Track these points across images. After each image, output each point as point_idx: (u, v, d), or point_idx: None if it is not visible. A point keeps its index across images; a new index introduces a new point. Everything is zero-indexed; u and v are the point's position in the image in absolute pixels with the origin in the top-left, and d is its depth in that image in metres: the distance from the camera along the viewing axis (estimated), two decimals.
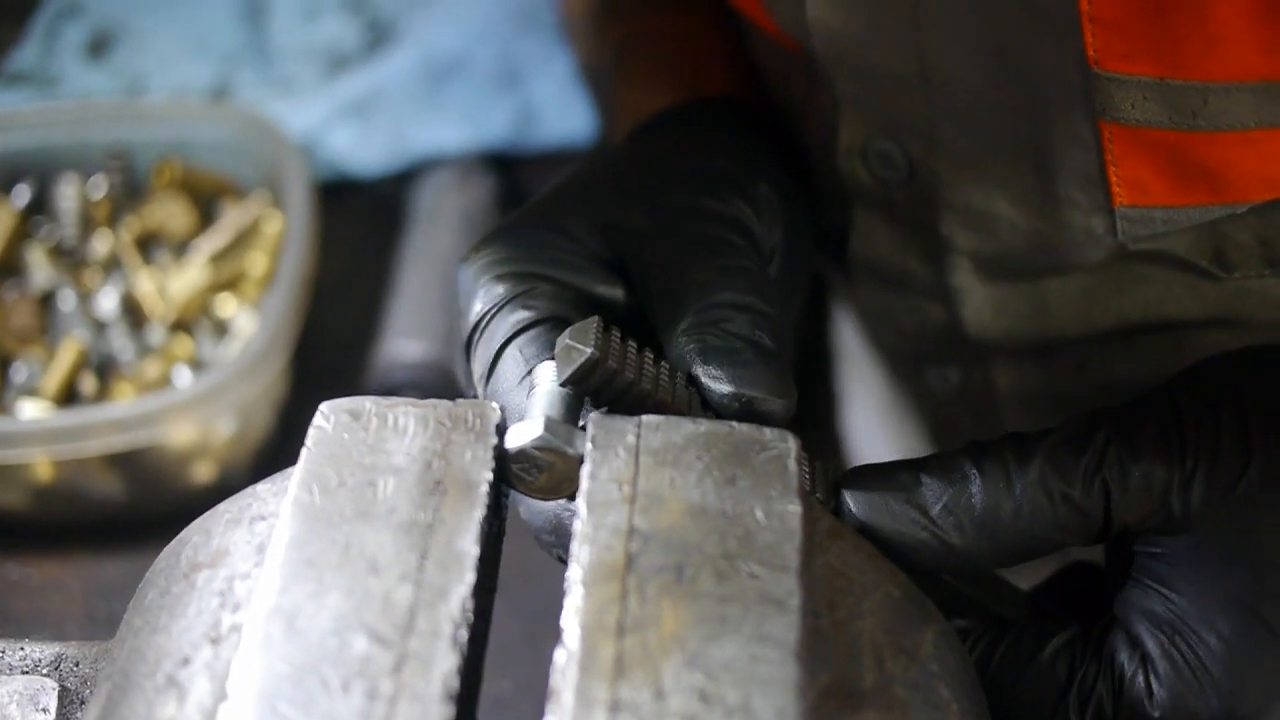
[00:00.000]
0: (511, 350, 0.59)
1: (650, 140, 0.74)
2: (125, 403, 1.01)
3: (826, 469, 0.59)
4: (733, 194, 0.66)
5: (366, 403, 0.54)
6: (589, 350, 0.55)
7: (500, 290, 0.61)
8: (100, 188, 1.14)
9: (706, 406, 0.57)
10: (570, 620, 0.47)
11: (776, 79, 0.81)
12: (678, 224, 0.64)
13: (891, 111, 0.69)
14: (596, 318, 0.57)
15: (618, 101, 0.84)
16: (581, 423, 0.55)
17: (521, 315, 0.60)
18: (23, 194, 1.14)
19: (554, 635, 0.47)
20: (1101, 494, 0.56)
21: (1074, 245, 0.68)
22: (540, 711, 0.46)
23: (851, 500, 0.57)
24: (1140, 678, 0.56)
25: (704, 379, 0.57)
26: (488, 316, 0.61)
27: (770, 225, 0.67)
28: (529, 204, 0.67)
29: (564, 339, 0.56)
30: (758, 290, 0.61)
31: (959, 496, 0.57)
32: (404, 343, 1.13)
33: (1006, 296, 0.74)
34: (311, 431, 0.53)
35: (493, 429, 0.53)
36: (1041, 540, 0.57)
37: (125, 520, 1.00)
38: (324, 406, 0.54)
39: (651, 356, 0.58)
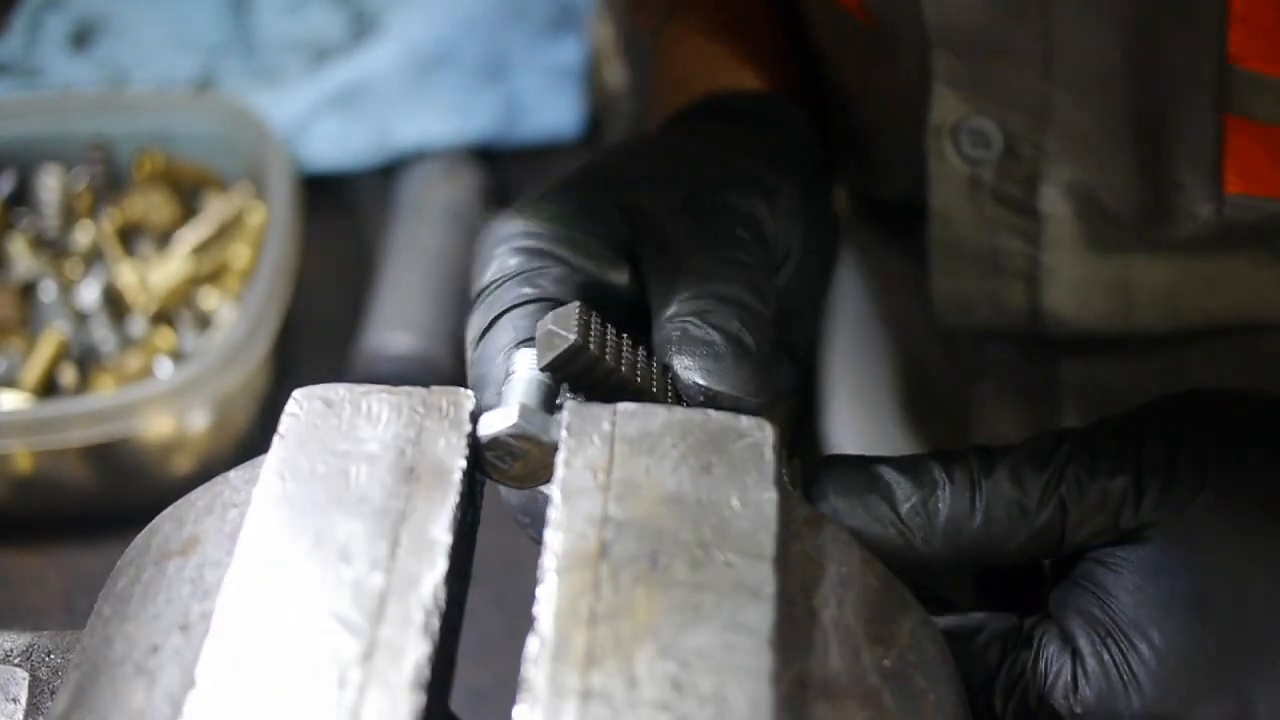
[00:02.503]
0: (505, 320, 0.59)
1: (683, 129, 0.74)
2: (103, 394, 1.00)
3: (802, 461, 0.58)
4: (753, 192, 0.66)
5: (340, 390, 0.54)
6: (571, 337, 0.55)
7: (512, 263, 0.61)
8: (82, 179, 1.13)
9: (681, 397, 0.57)
10: (542, 608, 0.47)
11: (830, 60, 0.81)
12: (694, 213, 0.64)
13: (997, 87, 0.70)
14: (579, 303, 0.56)
15: (655, 83, 0.84)
16: (558, 408, 0.54)
17: (525, 291, 0.60)
18: (4, 184, 1.13)
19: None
20: (1058, 509, 0.56)
21: (1177, 221, 0.68)
22: None
23: (826, 487, 0.57)
24: (1068, 673, 0.56)
25: (676, 367, 0.57)
26: (493, 286, 0.61)
27: (787, 228, 0.67)
28: (561, 178, 0.67)
29: (546, 324, 0.56)
30: (752, 286, 0.61)
31: (927, 499, 0.57)
32: (389, 335, 1.13)
33: (1095, 278, 0.74)
34: (284, 419, 0.53)
35: (467, 416, 0.53)
36: (1000, 551, 0.57)
37: (104, 512, 1.00)
38: (297, 393, 0.54)
39: (631, 343, 0.58)
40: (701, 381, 0.56)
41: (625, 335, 0.58)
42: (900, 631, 0.51)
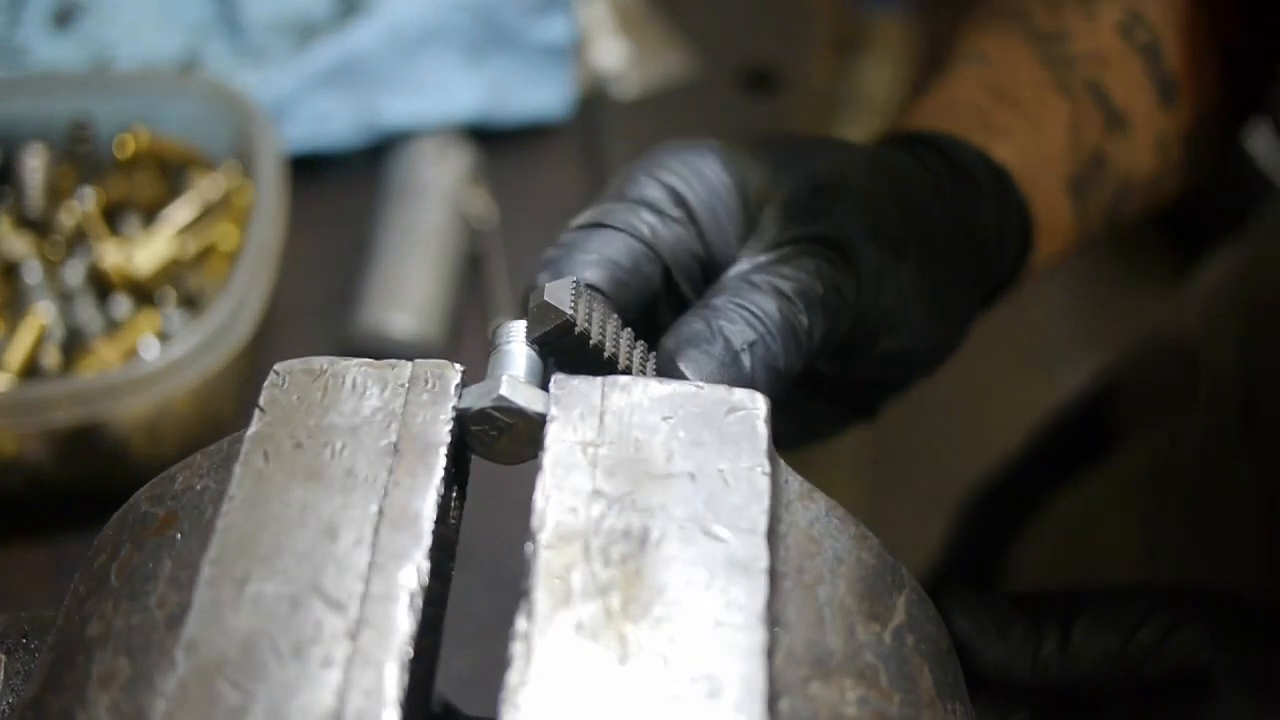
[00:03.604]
0: (593, 241, 0.60)
1: (890, 149, 0.70)
2: (86, 376, 0.99)
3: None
4: (869, 242, 0.62)
5: (322, 362, 0.53)
6: (566, 312, 0.54)
7: (652, 194, 0.61)
8: (66, 158, 1.12)
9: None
10: (530, 583, 0.46)
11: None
12: (803, 222, 0.62)
13: None
14: (574, 277, 0.55)
15: (922, 89, 0.81)
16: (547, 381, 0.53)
17: (638, 226, 0.60)
18: None
19: None
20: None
21: None
22: None
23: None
24: None
25: (668, 345, 0.56)
26: (620, 200, 0.61)
27: (875, 289, 0.62)
28: (758, 135, 0.66)
29: (540, 296, 0.55)
30: (789, 322, 0.59)
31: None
32: (382, 315, 1.12)
33: None
34: (265, 391, 0.52)
35: (452, 389, 0.52)
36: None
37: (87, 494, 0.98)
38: (278, 366, 0.53)
39: (619, 322, 0.57)
40: (689, 375, 0.56)
41: (616, 315, 0.57)
42: (896, 608, 0.50)
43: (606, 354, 0.55)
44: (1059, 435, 1.29)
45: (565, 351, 0.55)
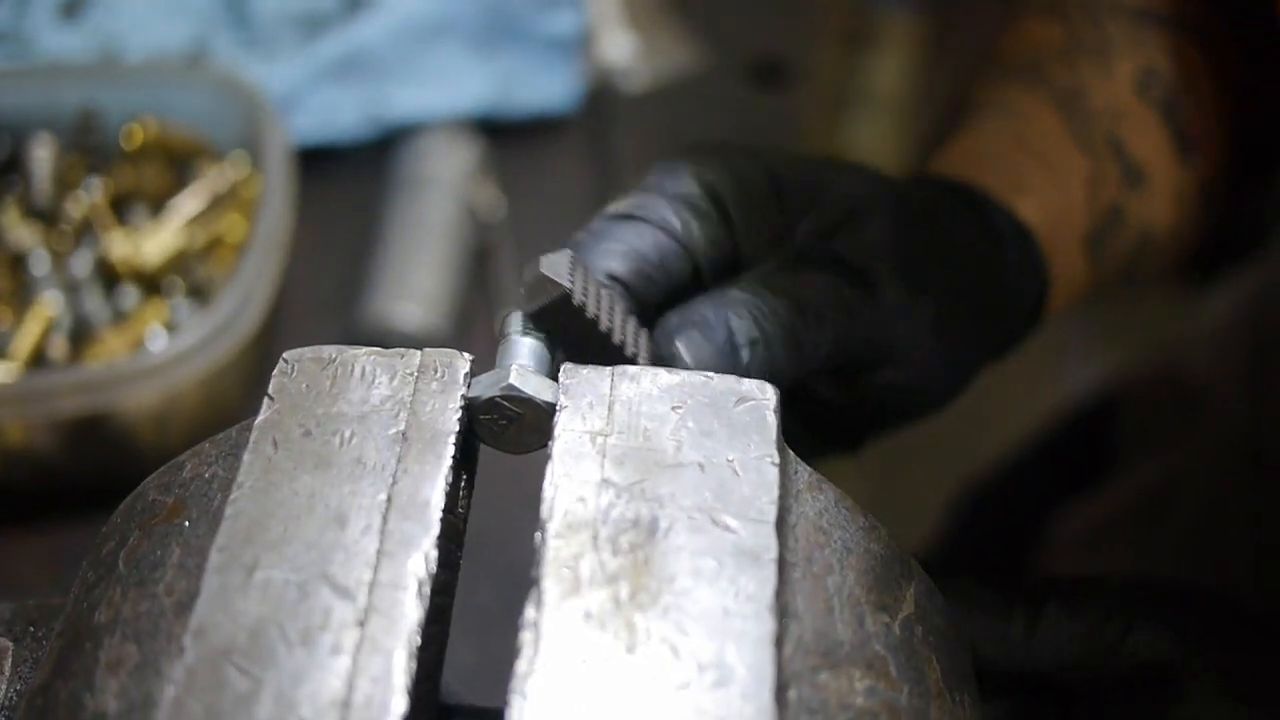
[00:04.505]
0: (628, 232, 0.60)
1: (923, 191, 0.71)
2: (93, 366, 0.99)
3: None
4: (891, 276, 0.63)
5: (331, 351, 0.53)
6: (564, 285, 0.54)
7: (638, 202, 0.61)
8: (74, 149, 1.12)
9: (659, 361, 0.56)
10: (539, 573, 0.46)
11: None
12: (831, 234, 0.63)
13: None
14: (570, 251, 0.55)
15: (948, 133, 0.82)
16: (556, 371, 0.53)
17: (671, 221, 0.60)
18: None
19: None
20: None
21: None
22: None
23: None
24: None
25: (670, 319, 0.56)
26: (657, 194, 0.61)
27: (890, 322, 0.63)
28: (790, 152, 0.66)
29: (537, 269, 0.54)
30: (794, 330, 0.59)
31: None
32: (391, 306, 1.12)
33: None
34: (274, 379, 0.52)
35: (461, 378, 0.52)
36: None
37: (94, 485, 0.98)
38: (287, 354, 0.53)
39: (611, 296, 0.57)
40: (684, 354, 0.56)
41: (608, 291, 0.57)
42: (905, 599, 0.50)
43: (602, 326, 0.55)
44: (1059, 446, 1.29)
45: (562, 327, 0.54)
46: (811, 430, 0.69)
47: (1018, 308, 0.72)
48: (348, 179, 1.25)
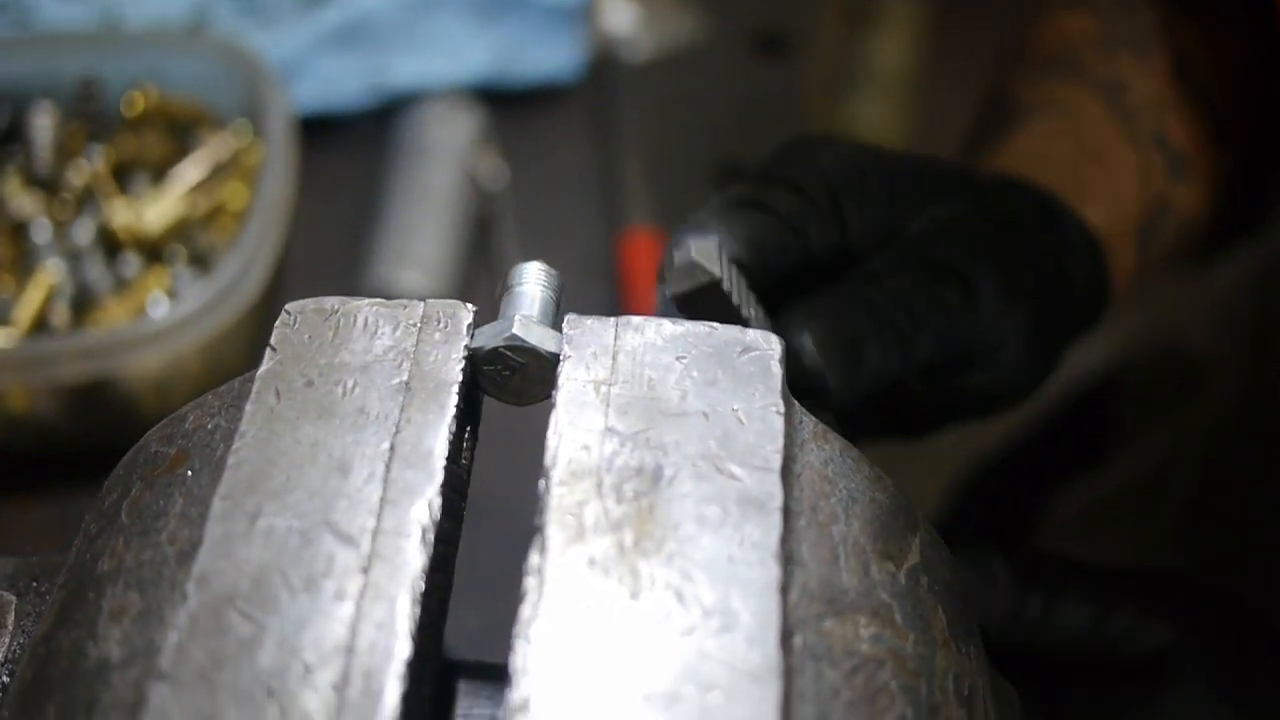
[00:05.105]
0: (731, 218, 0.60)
1: (1013, 196, 0.71)
2: (95, 332, 0.99)
3: None
4: (993, 285, 0.64)
5: (334, 302, 0.52)
6: (715, 273, 0.54)
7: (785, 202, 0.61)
8: (75, 117, 1.11)
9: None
10: (543, 520, 0.45)
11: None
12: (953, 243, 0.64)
13: None
14: (717, 238, 0.56)
15: (999, 126, 0.82)
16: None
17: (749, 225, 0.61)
18: None
19: None
20: None
21: None
22: None
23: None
24: None
25: (796, 314, 0.58)
26: (746, 182, 0.62)
27: (989, 329, 0.64)
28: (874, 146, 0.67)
29: (688, 253, 0.55)
30: (903, 334, 0.61)
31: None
32: (395, 271, 1.12)
33: None
34: (276, 330, 0.52)
35: (464, 328, 0.51)
36: None
37: (96, 452, 0.98)
38: (289, 306, 0.52)
39: (745, 284, 0.58)
40: (809, 346, 0.57)
41: (741, 279, 0.58)
42: (910, 549, 0.50)
43: (743, 314, 0.56)
44: (1062, 423, 1.29)
45: (703, 311, 0.55)
46: (886, 415, 0.70)
47: (1084, 314, 0.73)
48: (349, 148, 1.24)
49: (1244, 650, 0.58)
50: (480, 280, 1.17)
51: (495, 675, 0.56)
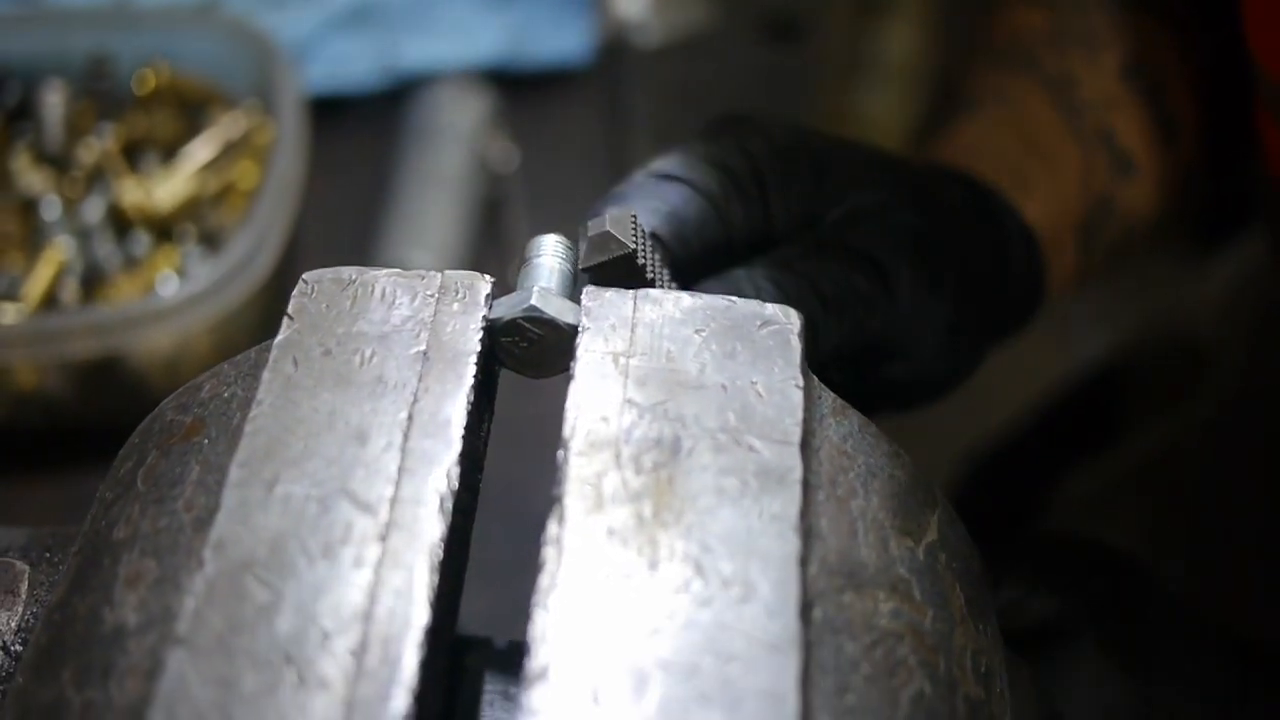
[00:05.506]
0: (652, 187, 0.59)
1: (940, 183, 0.70)
2: (104, 309, 0.99)
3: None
4: (910, 271, 0.63)
5: (351, 272, 0.52)
6: (629, 245, 0.53)
7: (673, 162, 0.61)
8: (85, 95, 1.11)
9: None
10: (561, 490, 0.45)
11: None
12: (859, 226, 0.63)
13: None
14: (634, 212, 0.55)
15: (947, 119, 0.81)
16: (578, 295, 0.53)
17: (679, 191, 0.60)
18: (10, 96, 1.11)
19: None
20: None
21: None
22: None
23: None
24: None
25: (708, 289, 0.57)
26: (671, 157, 0.61)
27: (905, 315, 0.64)
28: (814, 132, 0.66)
29: (602, 225, 0.54)
30: (809, 317, 0.59)
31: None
32: (406, 253, 1.11)
33: None
34: (294, 299, 0.51)
35: (482, 299, 0.51)
36: None
37: (105, 430, 0.98)
38: (307, 275, 0.52)
39: (660, 258, 0.57)
40: None
41: (656, 253, 0.57)
42: (928, 525, 0.50)
43: (655, 288, 0.55)
44: (1065, 413, 1.29)
45: (617, 284, 0.54)
46: None
47: (1017, 309, 0.73)
48: (360, 129, 1.24)
49: (1142, 618, 0.57)
50: (490, 263, 1.17)
51: (507, 653, 0.56)
